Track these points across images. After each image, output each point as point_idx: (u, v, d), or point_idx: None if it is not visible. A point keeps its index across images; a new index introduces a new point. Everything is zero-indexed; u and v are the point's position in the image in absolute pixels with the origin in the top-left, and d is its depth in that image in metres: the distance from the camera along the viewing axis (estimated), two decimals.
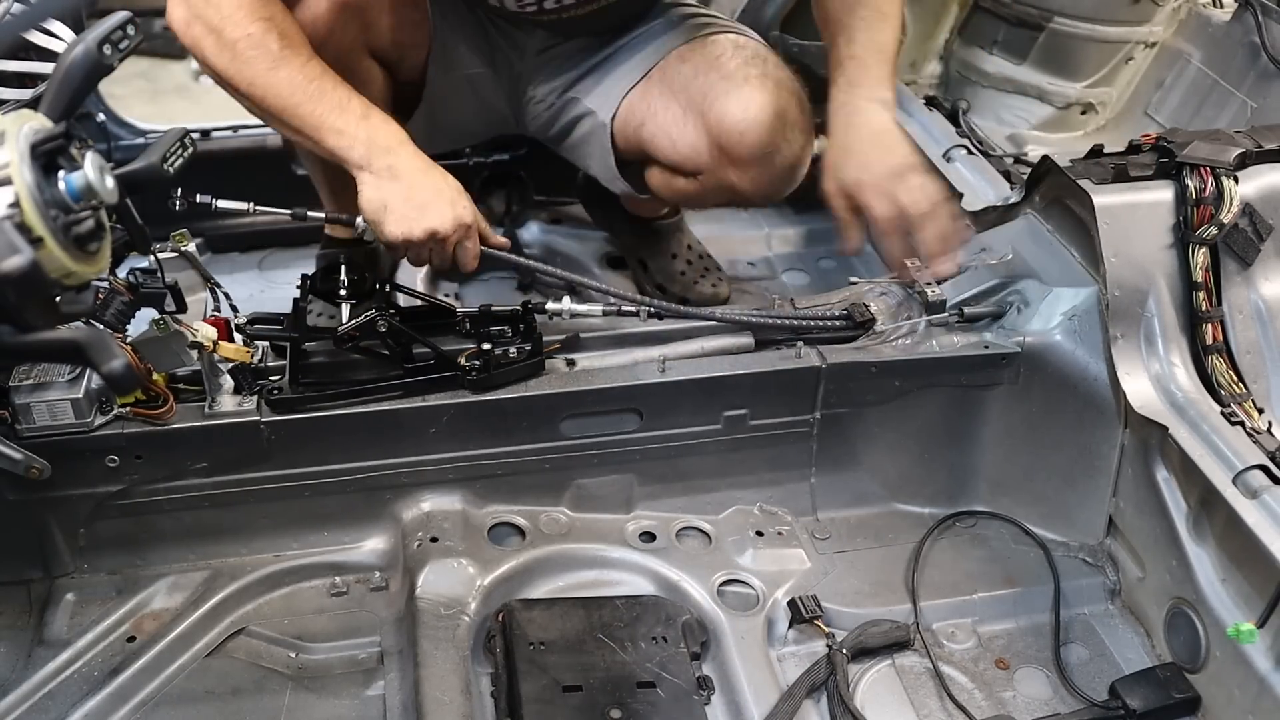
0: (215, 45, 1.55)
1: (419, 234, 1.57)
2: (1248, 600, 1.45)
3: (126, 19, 1.15)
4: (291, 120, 1.59)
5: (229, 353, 1.55)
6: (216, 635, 1.61)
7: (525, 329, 1.68)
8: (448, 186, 1.60)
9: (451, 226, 1.58)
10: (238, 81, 1.58)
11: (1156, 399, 1.60)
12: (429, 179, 1.59)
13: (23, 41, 1.47)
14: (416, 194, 1.57)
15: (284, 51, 1.55)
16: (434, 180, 1.59)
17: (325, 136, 1.58)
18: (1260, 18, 2.21)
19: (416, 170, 1.59)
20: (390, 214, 1.57)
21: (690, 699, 1.50)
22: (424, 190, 1.57)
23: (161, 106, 4.07)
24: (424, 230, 1.56)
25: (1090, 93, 2.47)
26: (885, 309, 1.81)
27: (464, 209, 1.60)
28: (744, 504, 1.83)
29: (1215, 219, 1.62)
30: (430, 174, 1.60)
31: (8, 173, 0.94)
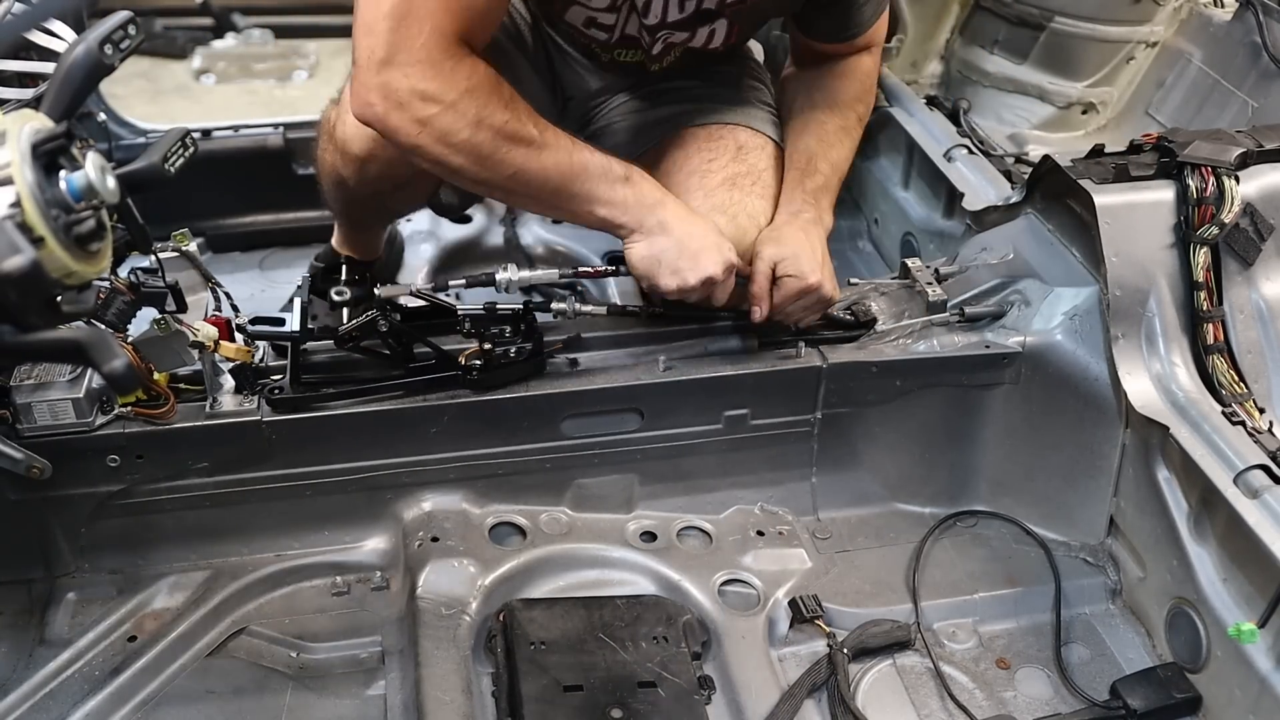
0: (464, 144, 1.45)
1: (694, 282, 1.58)
2: (1249, 600, 1.45)
3: (127, 19, 1.15)
4: (556, 200, 1.56)
5: (230, 352, 1.55)
6: (217, 635, 1.61)
7: (526, 329, 1.68)
8: (711, 231, 1.61)
9: (721, 271, 1.59)
10: (492, 176, 1.50)
11: (1157, 399, 1.60)
12: (695, 228, 1.60)
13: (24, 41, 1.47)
14: (689, 244, 1.58)
15: (537, 132, 1.50)
16: (700, 228, 1.60)
17: (595, 208, 1.57)
18: (1261, 17, 2.21)
19: (683, 221, 1.59)
20: (664, 268, 1.58)
21: (691, 699, 1.50)
22: (693, 240, 1.58)
23: (162, 106, 4.08)
24: (699, 279, 1.58)
25: (1091, 92, 2.47)
26: (886, 309, 1.81)
27: (729, 250, 1.61)
28: (745, 504, 1.83)
29: (1216, 219, 1.62)
30: (695, 223, 1.60)
31: (9, 172, 0.94)
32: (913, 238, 2.37)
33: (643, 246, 1.59)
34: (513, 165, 1.49)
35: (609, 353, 1.73)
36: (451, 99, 1.43)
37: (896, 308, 1.81)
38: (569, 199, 1.56)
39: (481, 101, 1.45)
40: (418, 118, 1.43)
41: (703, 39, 1.80)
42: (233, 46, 4.43)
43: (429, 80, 1.42)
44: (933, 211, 2.29)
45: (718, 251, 1.59)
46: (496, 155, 1.48)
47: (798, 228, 1.71)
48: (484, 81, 1.46)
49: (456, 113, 1.43)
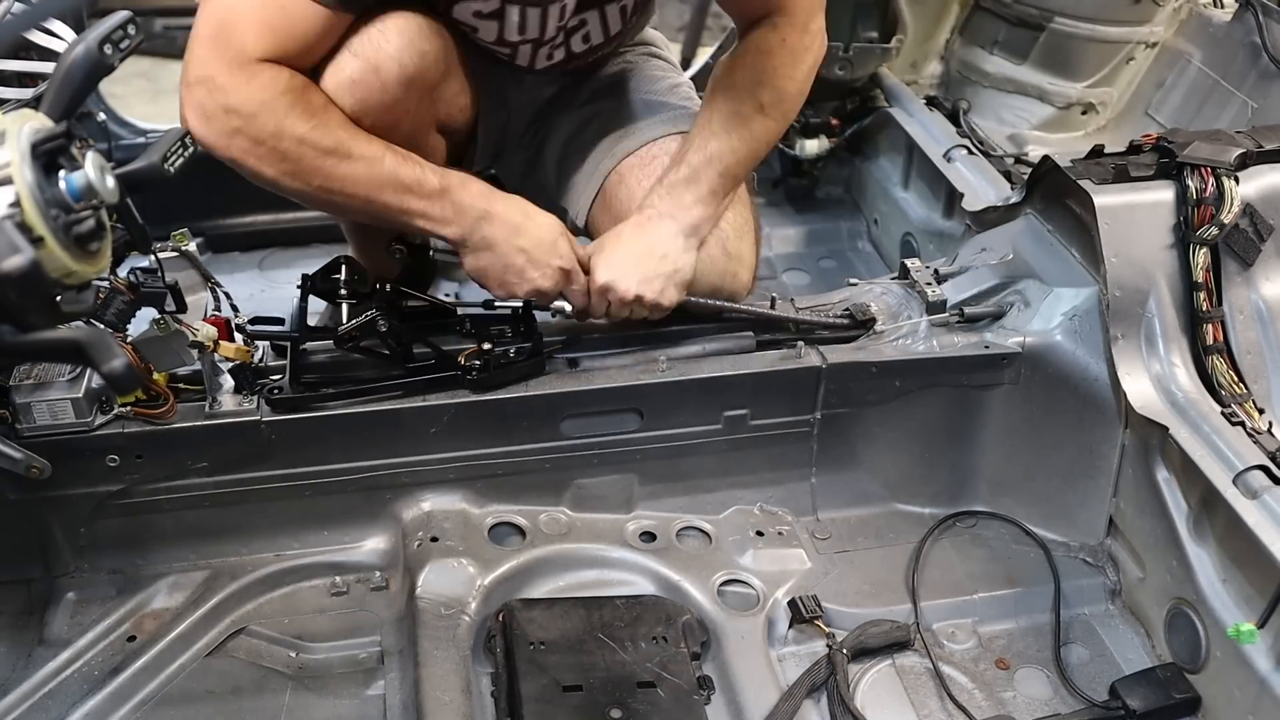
0: (269, 154, 1.46)
1: (523, 294, 1.60)
2: (1248, 600, 1.45)
3: (127, 18, 1.15)
4: (371, 211, 1.55)
5: (229, 352, 1.55)
6: (217, 635, 1.61)
7: (525, 328, 1.68)
8: (543, 238, 1.58)
9: (552, 281, 1.59)
10: (303, 187, 1.50)
11: (1157, 399, 1.60)
12: (525, 237, 1.57)
13: (23, 41, 1.47)
14: (514, 260, 1.57)
15: (346, 143, 1.49)
16: (527, 238, 1.57)
17: (413, 220, 1.55)
18: (1261, 18, 2.21)
19: (510, 233, 1.56)
20: (490, 281, 1.60)
21: (690, 699, 1.50)
22: (520, 255, 1.57)
23: (162, 106, 4.07)
24: (527, 291, 1.59)
25: (1091, 93, 2.47)
26: (885, 309, 1.81)
27: (562, 256, 1.59)
28: (744, 504, 1.83)
29: (1216, 219, 1.62)
30: (524, 230, 1.57)
31: (8, 172, 0.94)
32: (912, 238, 2.37)
33: (470, 260, 1.59)
34: (320, 175, 1.49)
35: (608, 353, 1.73)
36: (250, 111, 1.43)
37: (896, 308, 1.80)
38: (383, 210, 1.54)
39: (281, 113, 1.44)
40: (224, 130, 1.44)
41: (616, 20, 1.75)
42: None
43: (228, 95, 1.42)
44: (932, 212, 2.30)
45: (546, 264, 1.58)
46: (302, 165, 1.48)
47: (631, 226, 1.68)
48: (285, 92, 1.45)
49: (257, 124, 1.44)
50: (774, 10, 1.67)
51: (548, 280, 1.59)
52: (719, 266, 1.75)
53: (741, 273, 1.79)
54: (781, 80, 1.70)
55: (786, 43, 1.68)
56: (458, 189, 1.55)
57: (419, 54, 1.58)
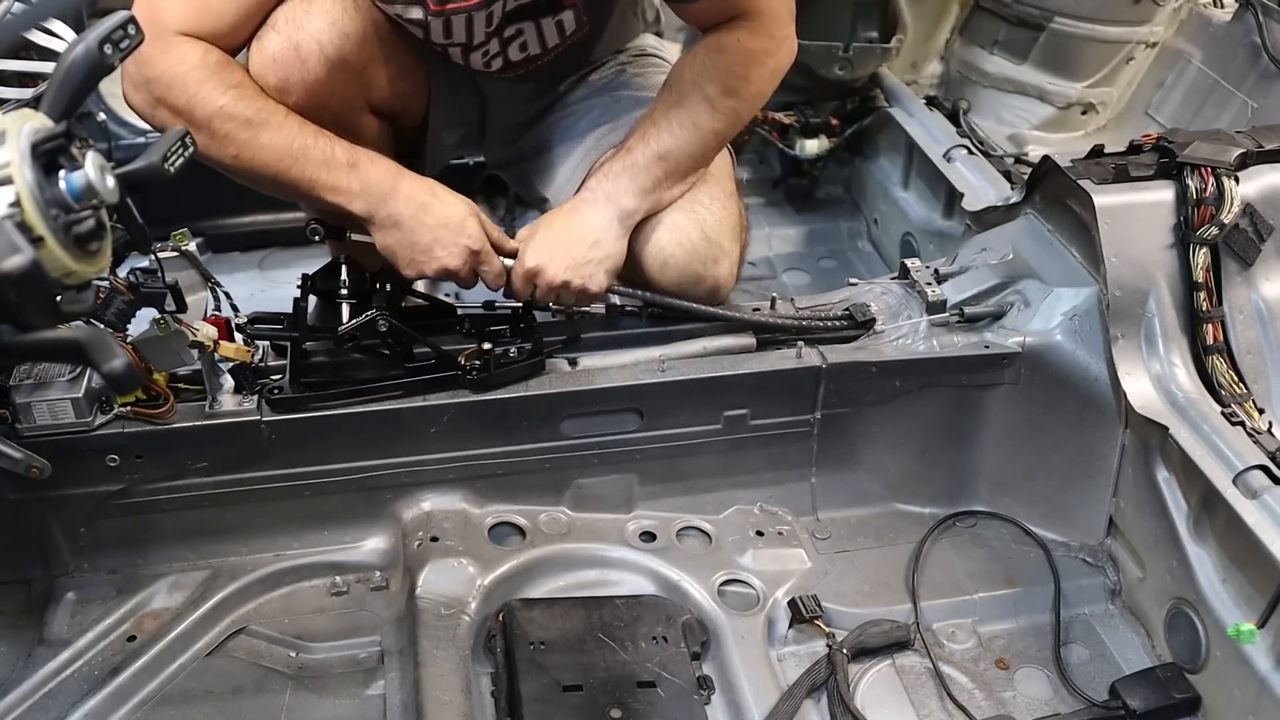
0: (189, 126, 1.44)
1: (432, 273, 1.59)
2: (1248, 600, 1.45)
3: (127, 18, 1.15)
4: (283, 184, 1.55)
5: (229, 352, 1.55)
6: (217, 635, 1.61)
7: (525, 328, 1.68)
8: (451, 216, 1.58)
9: (460, 260, 1.58)
10: (221, 157, 1.53)
11: (1157, 399, 1.60)
12: (432, 216, 1.57)
13: (23, 41, 1.47)
14: (420, 237, 1.56)
15: (261, 115, 1.52)
16: (435, 217, 1.57)
17: (322, 195, 1.55)
18: (1261, 18, 2.22)
19: (418, 210, 1.56)
20: (399, 259, 1.59)
21: (690, 699, 1.50)
22: (426, 232, 1.56)
23: None
24: (435, 270, 1.58)
25: (1091, 93, 2.47)
26: (885, 309, 1.81)
27: (470, 236, 1.58)
28: (744, 504, 1.83)
29: (1216, 219, 1.62)
30: (431, 210, 1.57)
31: (8, 172, 0.94)
32: (912, 238, 2.37)
33: (379, 237, 1.58)
34: (234, 145, 1.52)
35: (609, 353, 1.73)
36: (166, 81, 1.48)
37: (896, 308, 1.80)
38: (294, 184, 1.55)
39: (194, 84, 1.49)
40: (148, 99, 1.50)
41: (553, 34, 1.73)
42: None
43: (148, 66, 1.47)
44: (932, 212, 2.30)
45: (454, 243, 1.57)
46: (217, 137, 1.51)
47: (565, 210, 1.68)
48: (199, 64, 1.49)
49: (173, 95, 1.48)
50: (734, 17, 1.64)
51: (455, 259, 1.58)
52: (699, 252, 1.73)
53: (722, 261, 1.76)
54: (733, 79, 1.66)
55: (741, 43, 1.64)
56: (365, 165, 1.56)
57: (340, 35, 1.60)
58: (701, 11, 1.66)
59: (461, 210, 1.60)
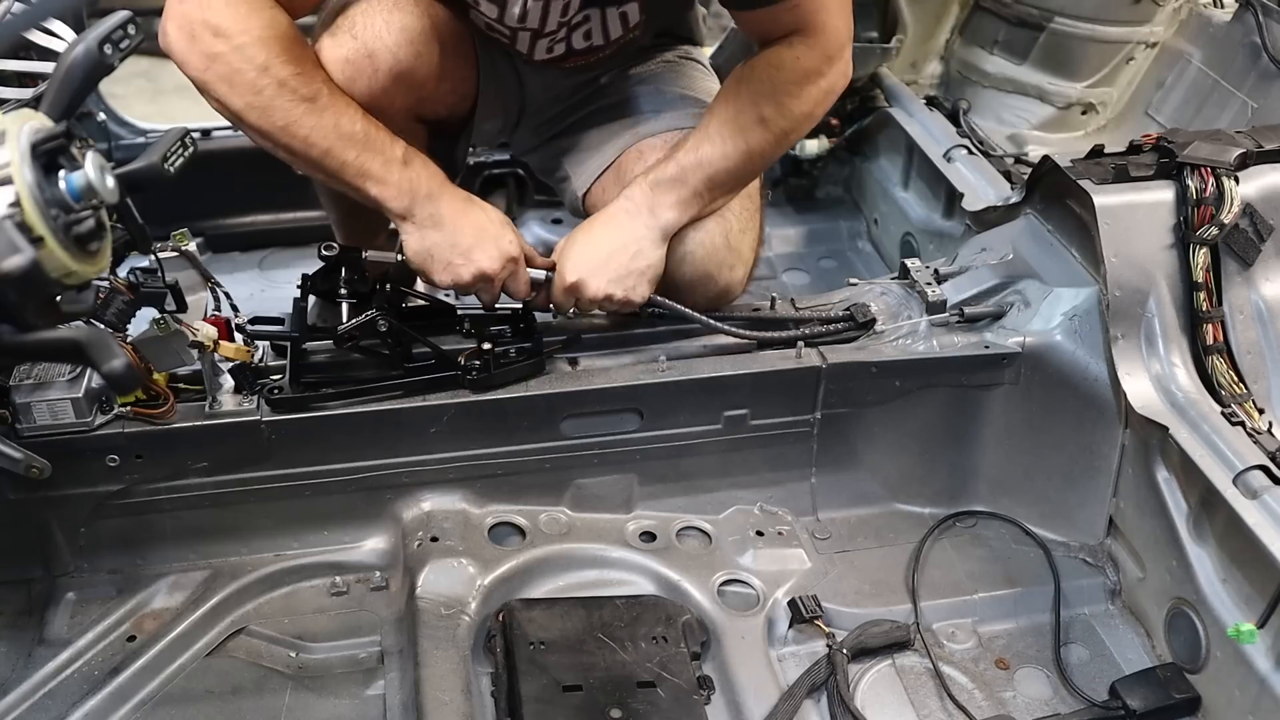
0: (245, 87, 1.46)
1: (467, 278, 1.58)
2: (1248, 600, 1.45)
3: (127, 18, 1.16)
4: (328, 164, 1.53)
5: (229, 352, 1.55)
6: (217, 635, 1.61)
7: (525, 328, 1.68)
8: (491, 223, 1.59)
9: (498, 266, 1.58)
10: (266, 125, 1.49)
11: (1157, 399, 1.60)
12: (470, 220, 1.58)
13: (23, 41, 1.47)
14: (461, 239, 1.56)
15: (327, 97, 1.50)
16: (475, 221, 1.58)
17: (367, 185, 1.54)
18: (1261, 18, 2.21)
19: (458, 214, 1.57)
20: (435, 261, 1.57)
21: (690, 699, 1.50)
22: (467, 235, 1.57)
23: (162, 106, 4.06)
24: (472, 275, 1.58)
25: (1091, 93, 2.47)
26: (885, 309, 1.81)
27: (508, 243, 1.59)
28: (744, 504, 1.83)
29: (1216, 219, 1.62)
30: (471, 214, 1.58)
31: (8, 172, 0.94)
32: (912, 238, 2.37)
33: (415, 239, 1.57)
34: (289, 117, 1.48)
35: (609, 353, 1.73)
36: (241, 41, 1.43)
37: (896, 308, 1.80)
38: (340, 166, 1.52)
39: (273, 52, 1.45)
40: (207, 52, 1.44)
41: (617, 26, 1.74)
42: None
43: (222, 16, 1.43)
44: (932, 212, 2.30)
45: (494, 245, 1.57)
46: (274, 105, 1.47)
47: (602, 220, 1.67)
48: (280, 34, 1.46)
49: (243, 55, 1.44)
50: (794, 31, 1.62)
51: (493, 264, 1.57)
52: (718, 256, 1.74)
53: (738, 267, 1.78)
54: (787, 97, 1.64)
55: (800, 61, 1.62)
56: (418, 165, 1.56)
57: (415, 54, 1.61)
58: (763, 20, 1.63)
59: (500, 218, 1.61)
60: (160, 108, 4.02)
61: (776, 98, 1.64)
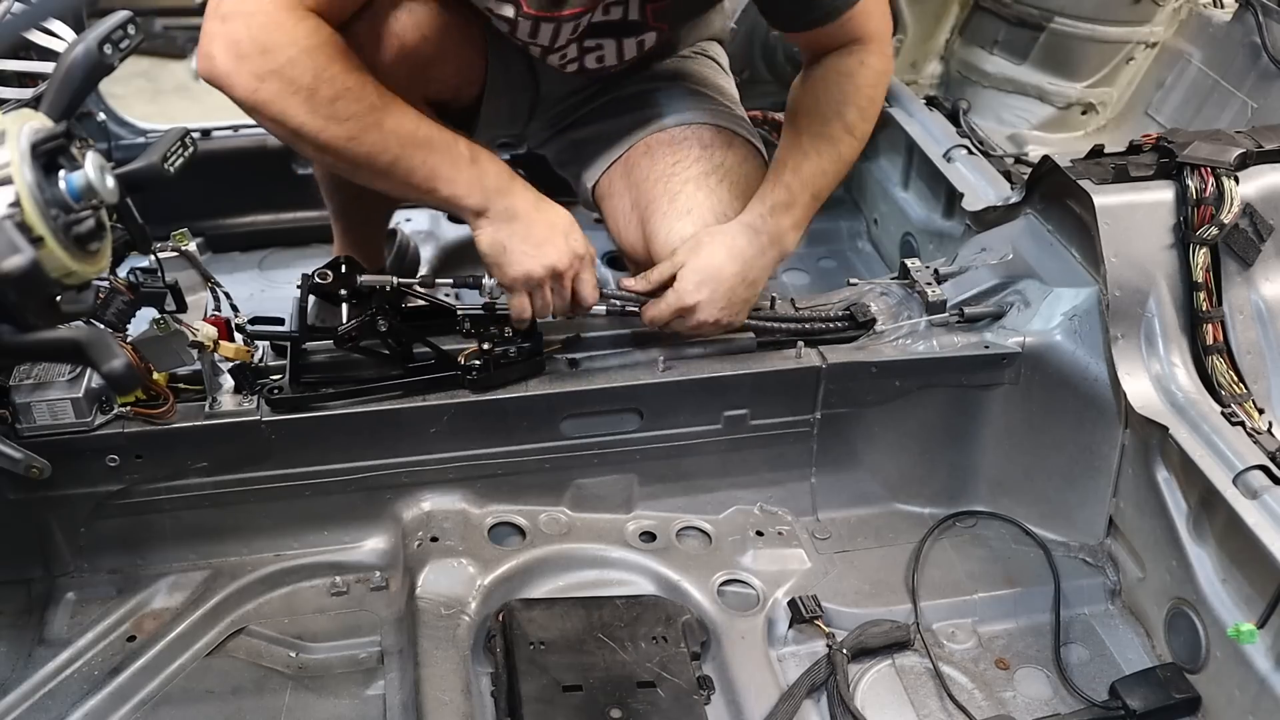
0: (304, 100, 1.42)
1: (539, 271, 1.56)
2: (1248, 600, 1.45)
3: (127, 18, 1.15)
4: (396, 172, 1.51)
5: (229, 352, 1.55)
6: (217, 635, 1.61)
7: (526, 328, 1.68)
8: (561, 220, 1.59)
9: (569, 260, 1.58)
10: (332, 138, 1.46)
11: (1157, 399, 1.60)
12: (543, 215, 1.58)
13: (23, 41, 1.47)
14: (534, 232, 1.56)
15: (384, 99, 1.47)
16: (548, 216, 1.58)
17: (438, 186, 1.52)
18: (1261, 18, 2.21)
19: (531, 208, 1.57)
20: (509, 254, 1.56)
21: (690, 699, 1.50)
22: (540, 227, 1.56)
23: (162, 106, 4.07)
24: (544, 266, 1.56)
25: (1091, 93, 2.47)
26: (885, 309, 1.81)
27: (577, 241, 1.59)
28: (744, 504, 1.83)
29: (1216, 219, 1.62)
30: (543, 209, 1.59)
31: (8, 172, 0.94)
32: (912, 238, 2.37)
33: (489, 231, 1.56)
34: (351, 128, 1.45)
35: (609, 353, 1.73)
36: (291, 55, 1.40)
37: (896, 308, 1.81)
38: (409, 171, 1.50)
39: (323, 61, 1.42)
40: (257, 71, 1.40)
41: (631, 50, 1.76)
42: None
43: (270, 32, 1.39)
44: (932, 212, 2.30)
45: (565, 240, 1.57)
46: (335, 116, 1.44)
47: (724, 242, 1.66)
48: (328, 42, 1.44)
49: (297, 68, 1.41)
50: (851, 41, 1.69)
51: (564, 260, 1.57)
52: None
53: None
54: (865, 101, 1.71)
55: (866, 64, 1.69)
56: (485, 161, 1.55)
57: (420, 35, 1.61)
58: (818, 37, 1.69)
59: (569, 216, 1.61)
60: (160, 108, 4.03)
61: (857, 103, 1.70)
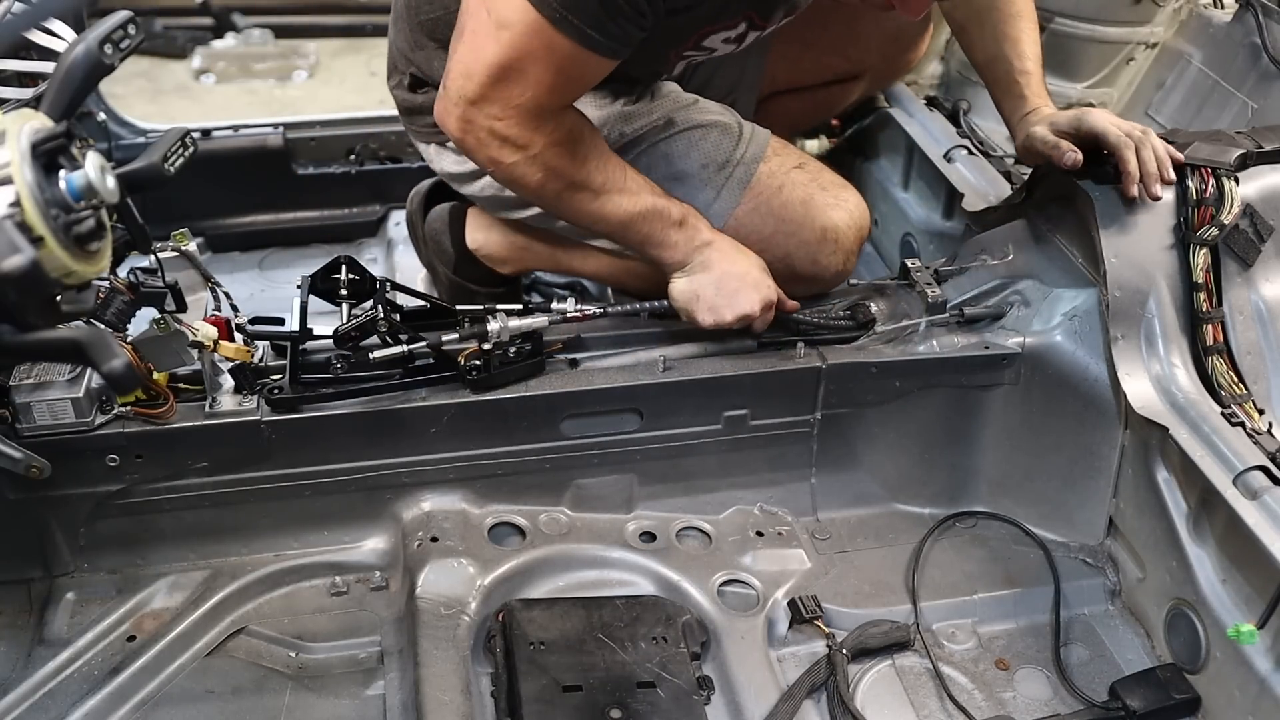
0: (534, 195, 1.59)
1: (730, 319, 1.65)
2: (1248, 601, 1.45)
3: (127, 18, 1.15)
4: (614, 238, 1.70)
5: (229, 352, 1.55)
6: (217, 635, 1.61)
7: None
8: (753, 268, 1.68)
9: (760, 309, 1.66)
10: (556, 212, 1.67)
11: (1157, 400, 1.60)
12: (736, 266, 1.67)
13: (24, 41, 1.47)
14: (727, 283, 1.65)
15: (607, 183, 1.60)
16: (741, 267, 1.67)
17: (649, 251, 1.67)
18: (1261, 18, 2.21)
19: (726, 260, 1.67)
20: (703, 304, 1.66)
21: (690, 699, 1.50)
22: (732, 279, 1.66)
23: (162, 106, 4.07)
24: (735, 316, 1.65)
25: (1091, 93, 2.47)
26: (885, 309, 1.81)
27: (769, 289, 1.68)
28: (744, 504, 1.83)
29: (1216, 220, 1.62)
30: (737, 261, 1.67)
31: (9, 172, 0.94)
32: (912, 238, 2.37)
33: (684, 283, 1.67)
34: (575, 208, 1.62)
35: (609, 353, 1.73)
36: (533, 153, 1.52)
37: (896, 308, 1.81)
38: (624, 240, 1.68)
39: (557, 155, 1.53)
40: (492, 157, 1.53)
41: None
42: (233, 46, 4.43)
43: (513, 130, 1.51)
44: (932, 212, 2.29)
45: (755, 291, 1.66)
46: (561, 200, 1.60)
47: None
48: (566, 137, 1.55)
49: (532, 163, 1.53)
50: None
51: (754, 305, 1.65)
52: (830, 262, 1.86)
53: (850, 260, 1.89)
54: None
55: None
56: (691, 220, 1.67)
57: None
58: None
59: (759, 263, 1.71)
60: (160, 108, 4.04)
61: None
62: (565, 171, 1.56)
